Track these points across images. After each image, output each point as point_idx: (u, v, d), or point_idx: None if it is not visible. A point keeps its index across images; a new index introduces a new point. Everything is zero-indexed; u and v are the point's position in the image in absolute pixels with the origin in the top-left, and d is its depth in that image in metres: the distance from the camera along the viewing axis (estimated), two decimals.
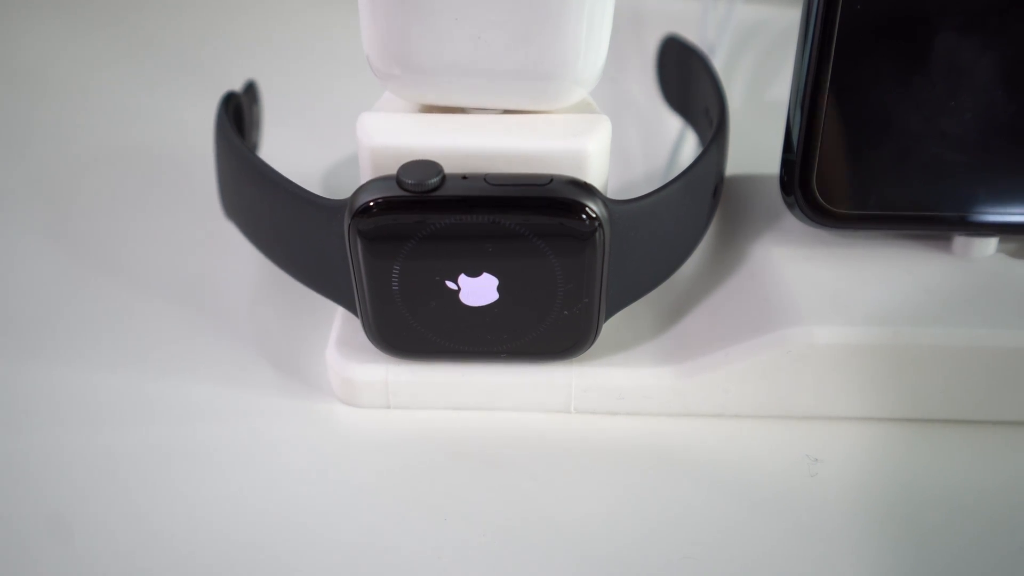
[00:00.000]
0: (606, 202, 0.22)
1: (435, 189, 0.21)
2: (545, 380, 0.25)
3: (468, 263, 0.22)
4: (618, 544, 0.22)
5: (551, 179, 0.21)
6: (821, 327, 0.24)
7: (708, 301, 0.27)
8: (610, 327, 0.26)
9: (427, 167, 0.21)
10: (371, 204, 0.21)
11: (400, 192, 0.21)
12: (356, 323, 0.25)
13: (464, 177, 0.21)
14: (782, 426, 0.25)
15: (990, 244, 0.26)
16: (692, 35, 0.39)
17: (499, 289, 0.23)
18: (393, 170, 0.22)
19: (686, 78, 0.35)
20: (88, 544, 0.22)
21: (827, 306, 0.24)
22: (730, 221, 0.29)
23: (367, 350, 0.25)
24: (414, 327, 0.24)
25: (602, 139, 0.23)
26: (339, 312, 0.26)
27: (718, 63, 0.43)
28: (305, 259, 0.25)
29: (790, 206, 0.26)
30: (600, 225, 0.21)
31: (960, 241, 0.26)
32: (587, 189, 0.21)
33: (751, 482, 0.24)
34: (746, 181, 0.30)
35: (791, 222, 0.27)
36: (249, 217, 0.27)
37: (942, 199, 0.25)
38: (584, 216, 0.21)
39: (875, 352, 0.24)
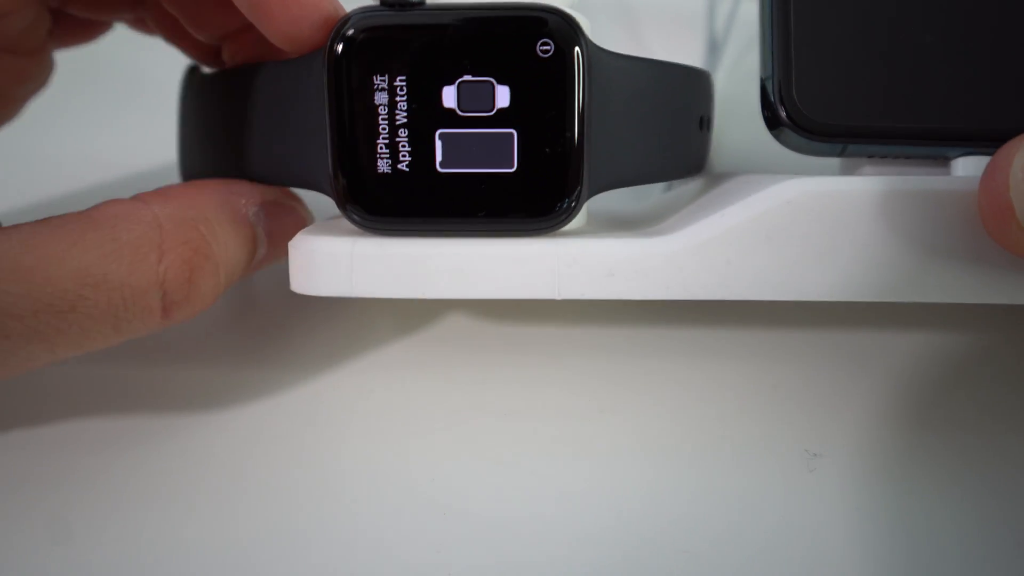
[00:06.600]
0: (589, 41, 0.22)
1: (420, 4, 0.21)
2: (528, 251, 0.22)
3: (452, 84, 0.22)
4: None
5: (537, 4, 0.22)
6: (823, 178, 0.22)
7: (697, 202, 0.25)
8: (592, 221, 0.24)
9: None
10: (354, 27, 0.21)
11: (382, 10, 0.21)
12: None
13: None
14: (780, 419, 0.25)
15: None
16: (698, 31, 0.39)
17: (482, 121, 0.22)
18: None
19: None
20: None
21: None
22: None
23: (332, 232, 0.23)
24: (393, 179, 0.22)
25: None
26: None
27: (726, 59, 0.41)
28: (276, 146, 0.24)
29: (778, 136, 0.25)
30: (586, 46, 0.22)
31: (959, 163, 0.25)
32: (575, 22, 0.22)
33: (747, 473, 0.23)
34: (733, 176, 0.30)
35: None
36: (209, 141, 0.27)
37: (937, 109, 0.24)
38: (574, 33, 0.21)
39: (885, 198, 0.22)
